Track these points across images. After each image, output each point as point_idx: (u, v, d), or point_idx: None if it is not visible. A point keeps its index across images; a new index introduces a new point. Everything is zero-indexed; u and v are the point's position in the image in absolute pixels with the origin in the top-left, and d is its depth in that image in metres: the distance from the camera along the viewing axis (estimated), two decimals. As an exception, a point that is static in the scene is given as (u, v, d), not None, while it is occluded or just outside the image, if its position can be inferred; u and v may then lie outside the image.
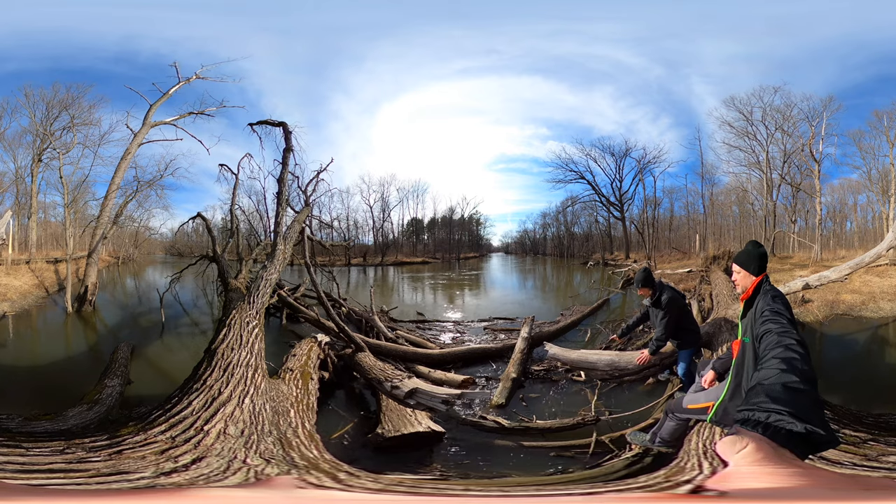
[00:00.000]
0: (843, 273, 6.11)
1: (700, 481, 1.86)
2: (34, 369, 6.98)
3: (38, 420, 3.74)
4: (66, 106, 12.84)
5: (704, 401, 2.75)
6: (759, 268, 2.43)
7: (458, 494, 1.81)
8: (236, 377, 3.34)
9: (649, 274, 4.50)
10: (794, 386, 1.24)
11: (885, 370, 6.87)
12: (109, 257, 15.87)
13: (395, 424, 4.02)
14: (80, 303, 10.17)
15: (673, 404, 3.09)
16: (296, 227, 6.14)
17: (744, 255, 2.49)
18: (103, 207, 11.23)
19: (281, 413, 3.36)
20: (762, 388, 1.22)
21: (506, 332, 8.39)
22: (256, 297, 4.46)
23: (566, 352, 5.19)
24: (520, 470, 3.76)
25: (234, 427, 2.83)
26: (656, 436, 3.27)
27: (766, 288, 2.32)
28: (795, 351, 1.53)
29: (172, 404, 2.99)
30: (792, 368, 1.37)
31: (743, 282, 2.44)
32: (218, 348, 3.71)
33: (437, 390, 3.99)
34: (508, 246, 26.04)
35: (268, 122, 8.65)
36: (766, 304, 2.14)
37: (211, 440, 2.65)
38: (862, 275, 10.55)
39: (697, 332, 4.57)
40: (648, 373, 4.92)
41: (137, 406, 4.76)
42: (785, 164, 14.57)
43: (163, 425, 2.71)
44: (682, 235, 18.51)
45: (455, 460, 3.93)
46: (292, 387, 3.93)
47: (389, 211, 21.91)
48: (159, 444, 2.50)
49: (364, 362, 4.98)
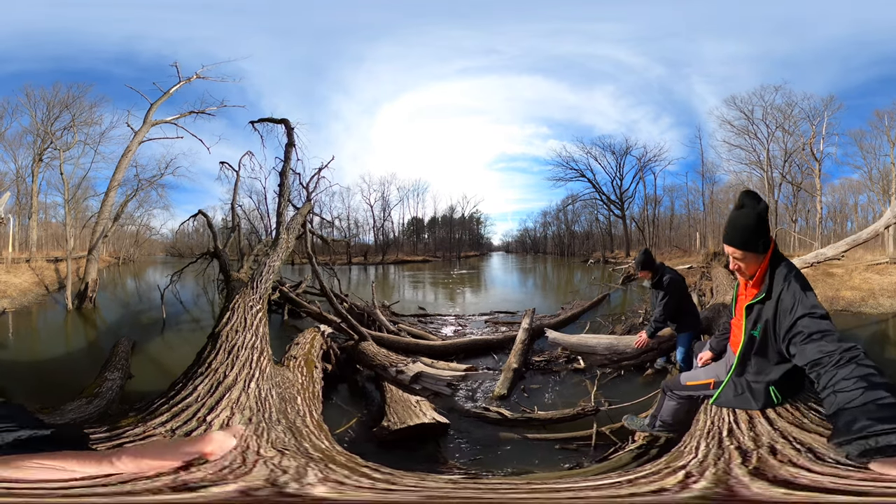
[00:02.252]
0: (839, 250, 6.15)
1: (692, 467, 1.76)
2: (34, 365, 6.96)
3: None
4: (66, 105, 12.88)
5: (704, 378, 2.57)
6: (765, 244, 1.90)
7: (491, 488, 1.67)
8: (241, 359, 3.25)
9: (649, 255, 4.46)
10: (886, 401, 1.17)
11: (884, 366, 6.87)
12: (110, 257, 15.86)
13: (400, 416, 3.95)
14: (80, 300, 10.17)
15: (670, 382, 2.90)
16: (298, 220, 6.17)
17: (737, 231, 1.90)
18: (104, 204, 11.25)
19: (288, 400, 3.25)
20: (858, 412, 1.14)
21: (507, 325, 8.39)
22: (260, 283, 4.43)
23: (566, 336, 5.20)
24: (527, 464, 3.67)
25: (241, 414, 2.70)
26: (656, 419, 3.06)
27: (786, 271, 1.86)
28: (867, 366, 1.41)
29: (176, 391, 2.86)
30: (874, 385, 1.27)
31: (750, 267, 1.95)
32: (222, 331, 3.64)
33: (441, 373, 3.97)
34: (509, 245, 26.05)
35: (270, 120, 8.69)
36: (798, 302, 1.75)
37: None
38: (862, 272, 10.58)
39: (697, 316, 4.53)
40: (646, 357, 4.90)
41: (138, 402, 4.73)
42: (786, 163, 14.61)
43: (164, 416, 2.55)
44: (682, 234, 18.54)
45: (467, 455, 3.85)
46: (297, 374, 3.86)
47: (390, 210, 21.94)
48: (158, 437, 2.30)
49: (368, 350, 4.96)
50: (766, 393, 2.06)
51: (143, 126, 11.67)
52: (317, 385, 3.97)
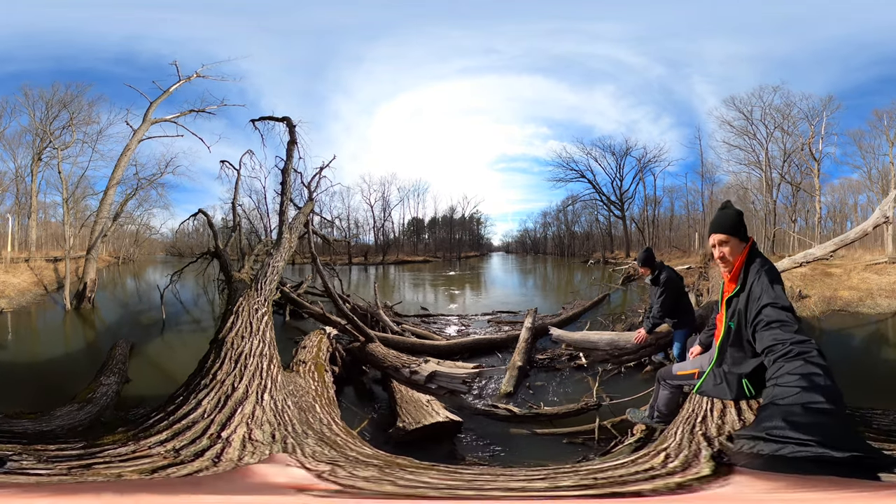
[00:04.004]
0: (827, 250, 6.10)
1: (671, 449, 1.86)
2: (31, 366, 6.87)
3: (19, 419, 3.22)
4: (65, 104, 12.84)
5: (691, 368, 2.79)
6: (745, 234, 2.13)
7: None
8: (250, 369, 3.01)
9: (650, 253, 4.65)
10: (820, 407, 1.08)
11: (882, 366, 6.88)
12: (109, 257, 15.79)
13: (414, 416, 3.91)
14: (78, 300, 10.10)
15: (664, 372, 3.10)
16: (301, 219, 6.12)
17: (727, 219, 2.13)
18: (103, 202, 11.20)
19: (306, 409, 2.98)
20: (778, 411, 1.08)
21: (509, 325, 8.41)
22: (264, 284, 4.33)
23: (569, 333, 5.27)
24: (538, 457, 3.74)
25: (261, 431, 2.34)
26: (654, 409, 3.24)
27: (758, 263, 2.01)
28: (816, 364, 1.32)
29: (177, 405, 2.51)
30: (814, 386, 1.19)
31: (733, 254, 2.11)
32: (226, 337, 3.39)
33: (455, 371, 3.95)
34: (509, 245, 26.11)
35: (271, 118, 8.63)
36: (764, 292, 1.85)
37: (236, 452, 2.06)
38: (860, 272, 10.60)
39: (693, 314, 4.68)
40: (645, 352, 4.98)
41: (135, 407, 4.48)
42: (785, 163, 14.67)
43: (164, 433, 2.17)
44: (682, 234, 18.61)
45: (481, 451, 3.89)
46: (309, 380, 3.73)
47: (390, 210, 21.99)
48: (154, 459, 1.88)
49: (377, 352, 4.91)
50: (738, 385, 2.15)
51: (143, 124, 11.62)
52: (330, 390, 3.86)
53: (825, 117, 13.54)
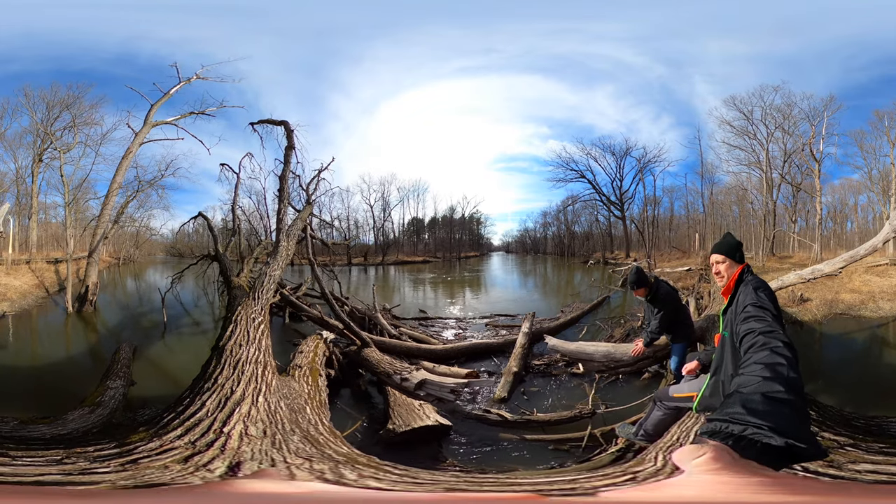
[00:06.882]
0: (836, 266, 6.00)
1: (646, 474, 1.88)
2: (34, 370, 6.93)
3: (35, 424, 3.49)
4: (66, 105, 12.85)
5: (688, 391, 2.78)
6: (741, 257, 2.38)
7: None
8: (247, 374, 3.29)
9: (642, 273, 4.43)
10: (777, 396, 1.13)
11: (885, 371, 6.84)
12: (110, 258, 15.85)
13: (404, 419, 4.07)
14: (80, 303, 10.15)
15: (661, 392, 3.09)
16: (298, 225, 6.14)
17: (724, 244, 2.43)
18: (104, 206, 11.24)
19: (297, 410, 3.30)
20: (739, 398, 1.11)
21: (507, 329, 8.43)
22: (261, 294, 4.44)
23: (565, 343, 5.27)
24: (522, 463, 3.82)
25: (255, 427, 2.72)
26: (641, 427, 3.25)
27: (749, 278, 2.22)
28: (781, 354, 1.39)
29: (184, 406, 2.85)
30: (776, 376, 1.25)
31: (728, 271, 2.36)
32: (226, 345, 3.66)
33: (445, 380, 4.05)
34: (509, 245, 26.12)
35: (269, 122, 8.64)
36: (748, 296, 2.01)
37: (235, 443, 2.48)
38: (861, 274, 10.53)
39: (691, 326, 4.58)
40: (642, 364, 4.97)
41: (142, 408, 4.68)
42: (785, 163, 14.60)
43: (178, 429, 2.55)
44: (681, 235, 18.57)
45: (465, 455, 3.98)
46: (303, 383, 3.92)
47: (390, 210, 21.93)
48: (179, 450, 2.32)
49: (372, 357, 5.02)
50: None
51: (144, 127, 11.65)
52: (323, 393, 4.03)
53: (826, 117, 13.47)
